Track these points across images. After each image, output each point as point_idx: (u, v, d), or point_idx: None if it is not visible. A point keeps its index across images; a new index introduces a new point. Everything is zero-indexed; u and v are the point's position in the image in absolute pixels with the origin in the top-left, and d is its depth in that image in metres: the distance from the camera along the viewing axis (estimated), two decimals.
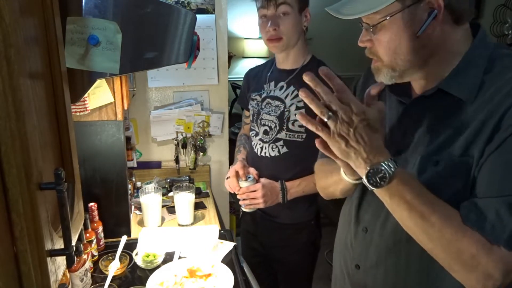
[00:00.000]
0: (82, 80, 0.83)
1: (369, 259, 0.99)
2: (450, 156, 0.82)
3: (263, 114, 1.62)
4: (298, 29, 1.50)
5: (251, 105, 1.70)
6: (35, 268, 0.54)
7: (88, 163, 1.57)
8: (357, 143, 0.78)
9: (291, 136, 1.56)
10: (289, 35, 1.49)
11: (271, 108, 1.60)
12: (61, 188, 0.57)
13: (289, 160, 1.58)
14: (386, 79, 0.89)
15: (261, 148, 1.63)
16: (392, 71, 0.87)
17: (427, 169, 0.85)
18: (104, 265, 1.43)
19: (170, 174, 2.19)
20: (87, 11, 0.80)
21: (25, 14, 0.54)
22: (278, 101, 1.58)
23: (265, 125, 1.62)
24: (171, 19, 1.13)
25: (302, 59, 1.58)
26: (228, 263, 1.46)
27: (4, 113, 0.48)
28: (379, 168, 0.78)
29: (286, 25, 1.47)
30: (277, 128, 1.58)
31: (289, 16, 1.46)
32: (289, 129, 1.55)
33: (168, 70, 2.09)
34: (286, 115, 1.56)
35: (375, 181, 0.79)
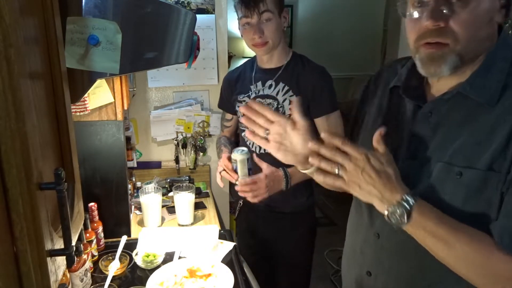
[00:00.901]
0: (82, 80, 0.83)
1: (381, 266, 0.96)
2: (475, 169, 0.78)
3: None
4: (280, 31, 1.58)
5: (239, 107, 1.72)
6: (35, 268, 0.54)
7: (88, 163, 1.57)
8: (368, 184, 0.80)
9: None
10: (273, 38, 1.56)
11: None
12: (61, 188, 0.57)
13: None
14: (448, 68, 0.80)
15: (259, 146, 1.65)
16: (459, 59, 0.79)
17: (448, 180, 0.81)
18: (104, 265, 1.43)
19: (170, 174, 2.19)
20: (87, 11, 0.80)
21: (25, 14, 0.54)
22: (270, 99, 1.63)
23: None
24: (171, 19, 1.13)
25: (286, 56, 1.64)
26: (228, 263, 1.46)
27: (4, 113, 0.48)
28: (397, 207, 0.78)
29: (270, 30, 1.54)
30: None
31: (271, 21, 1.53)
32: None
33: (168, 70, 2.09)
34: (281, 111, 1.61)
35: (396, 220, 0.79)
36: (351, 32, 5.01)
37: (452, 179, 0.80)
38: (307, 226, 1.72)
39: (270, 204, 1.70)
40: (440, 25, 0.77)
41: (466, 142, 0.80)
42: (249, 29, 1.56)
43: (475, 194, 0.78)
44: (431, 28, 0.78)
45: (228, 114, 1.83)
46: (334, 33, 4.97)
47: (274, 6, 1.52)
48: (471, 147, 0.79)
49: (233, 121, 1.84)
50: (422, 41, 0.81)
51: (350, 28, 5.01)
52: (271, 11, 1.52)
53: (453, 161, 0.81)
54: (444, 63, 0.79)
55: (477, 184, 0.78)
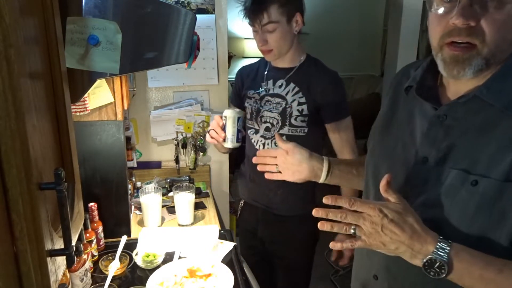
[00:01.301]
0: (82, 80, 0.83)
1: (388, 270, 0.95)
2: (491, 178, 0.74)
3: (264, 112, 1.66)
4: (288, 38, 1.56)
5: (248, 103, 1.72)
6: (35, 268, 0.54)
7: (88, 163, 1.57)
8: (393, 241, 0.74)
9: (294, 131, 1.61)
10: (278, 47, 1.56)
11: (272, 106, 1.64)
12: (61, 188, 0.57)
13: None
14: (471, 71, 0.76)
15: (263, 145, 1.67)
16: (485, 63, 0.75)
17: (462, 188, 0.78)
18: (104, 265, 1.43)
19: (170, 174, 2.19)
20: (87, 11, 0.80)
21: (25, 14, 0.54)
22: (279, 98, 1.62)
23: (266, 122, 1.66)
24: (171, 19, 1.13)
25: (298, 57, 1.63)
26: (228, 263, 1.46)
27: (4, 113, 0.48)
28: (433, 259, 0.73)
29: (274, 39, 1.54)
30: (279, 124, 1.63)
31: (276, 30, 1.52)
32: (292, 124, 1.61)
33: (168, 70, 2.09)
34: (289, 111, 1.60)
35: (435, 272, 0.73)
36: (351, 32, 5.02)
37: (466, 187, 0.77)
38: (307, 231, 1.70)
39: (269, 205, 1.71)
40: (470, 24, 0.72)
41: (484, 149, 0.77)
42: (255, 36, 1.58)
43: (488, 204, 0.75)
44: (460, 27, 0.73)
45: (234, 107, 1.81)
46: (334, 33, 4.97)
47: (280, 15, 1.50)
48: (489, 155, 0.76)
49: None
50: (448, 39, 0.76)
51: (350, 28, 5.02)
52: (276, 21, 1.50)
53: (469, 168, 0.77)
54: (469, 66, 0.76)
55: (492, 194, 0.75)
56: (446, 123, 0.83)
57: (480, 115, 0.79)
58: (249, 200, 1.79)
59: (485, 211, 0.76)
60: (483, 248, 0.75)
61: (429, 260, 0.73)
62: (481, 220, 0.76)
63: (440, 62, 0.80)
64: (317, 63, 1.64)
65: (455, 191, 0.79)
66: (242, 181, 1.83)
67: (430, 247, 0.73)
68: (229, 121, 1.50)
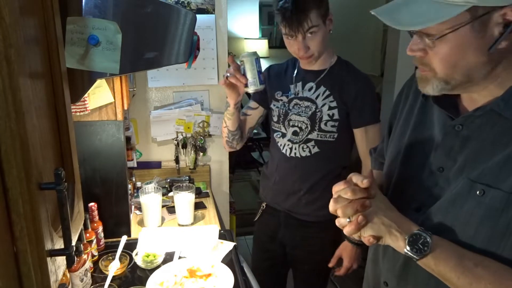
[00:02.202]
0: (82, 80, 0.83)
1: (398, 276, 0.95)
2: (499, 189, 0.75)
3: (292, 115, 1.61)
4: (326, 39, 1.51)
5: (275, 105, 1.67)
6: (35, 268, 0.54)
7: (88, 163, 1.57)
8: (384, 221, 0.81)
9: (323, 136, 1.57)
10: (319, 50, 1.51)
11: (300, 109, 1.59)
12: (61, 188, 0.57)
13: (320, 160, 1.59)
14: (434, 91, 0.81)
15: (290, 149, 1.63)
16: (444, 83, 0.79)
17: (469, 196, 0.79)
18: (104, 265, 1.43)
19: (170, 174, 2.19)
20: (87, 11, 0.80)
21: (25, 14, 0.54)
22: (308, 101, 1.58)
23: (294, 126, 1.61)
24: (171, 19, 1.13)
25: (329, 60, 1.59)
26: (228, 263, 1.46)
27: (4, 113, 0.48)
28: (418, 234, 0.78)
29: (315, 44, 1.48)
30: (308, 128, 1.58)
31: (317, 33, 1.47)
32: (321, 129, 1.56)
33: (168, 70, 2.09)
34: (318, 116, 1.56)
35: (418, 248, 0.78)
36: (351, 32, 5.02)
37: (473, 196, 0.78)
38: (330, 238, 1.66)
39: (292, 210, 1.68)
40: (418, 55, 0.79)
41: (496, 161, 0.77)
42: (293, 43, 1.50)
43: (494, 215, 0.75)
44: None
45: (254, 102, 1.75)
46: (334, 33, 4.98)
47: (319, 18, 1.45)
48: (500, 167, 0.76)
49: (256, 112, 1.75)
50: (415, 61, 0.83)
51: (350, 28, 5.02)
52: (316, 25, 1.45)
53: (478, 178, 0.78)
54: (429, 85, 0.80)
55: (498, 205, 0.75)
56: (463, 133, 0.83)
57: (497, 128, 0.79)
58: (272, 203, 1.75)
59: (491, 221, 0.76)
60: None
61: (414, 236, 0.78)
62: (485, 231, 0.76)
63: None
64: (349, 66, 1.59)
65: (462, 200, 0.79)
66: (266, 183, 1.78)
67: (414, 227, 0.80)
68: (247, 64, 1.45)
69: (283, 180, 1.68)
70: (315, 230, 1.66)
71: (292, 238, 1.72)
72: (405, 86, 1.05)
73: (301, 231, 1.68)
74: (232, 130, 1.69)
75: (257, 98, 1.74)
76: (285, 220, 1.71)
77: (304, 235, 1.69)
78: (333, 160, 1.60)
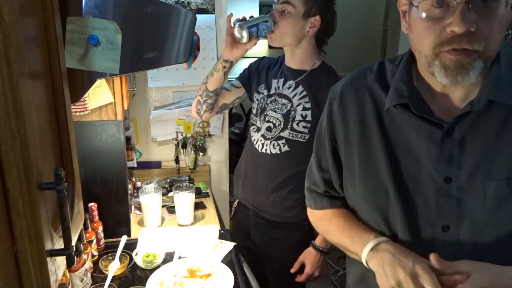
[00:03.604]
0: (82, 80, 0.83)
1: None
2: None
3: (268, 111, 1.62)
4: (296, 32, 1.51)
5: (256, 98, 1.69)
6: (35, 268, 0.54)
7: (88, 163, 1.57)
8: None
9: (294, 136, 1.57)
10: (282, 32, 1.51)
11: (277, 106, 1.60)
12: (61, 188, 0.57)
13: (290, 159, 1.59)
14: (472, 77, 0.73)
15: (262, 145, 1.64)
16: (484, 65, 0.73)
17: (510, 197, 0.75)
18: (104, 265, 1.43)
19: (170, 174, 2.19)
20: (87, 11, 0.80)
21: (25, 14, 0.54)
22: (285, 99, 1.59)
23: (269, 121, 1.62)
24: (171, 19, 1.13)
25: (311, 62, 1.58)
26: (228, 263, 1.46)
27: (4, 113, 0.48)
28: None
29: (281, 22, 1.49)
30: (281, 126, 1.59)
31: (288, 15, 1.48)
32: (293, 128, 1.56)
33: (168, 70, 2.09)
34: (292, 114, 1.56)
35: None
36: (351, 32, 5.01)
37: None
38: (299, 238, 1.65)
39: (260, 209, 1.68)
40: (470, 30, 0.69)
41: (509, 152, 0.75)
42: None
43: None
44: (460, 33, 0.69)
45: (238, 82, 1.75)
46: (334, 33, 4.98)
47: (300, 2, 1.46)
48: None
49: (236, 91, 1.73)
50: (446, 47, 0.72)
51: (350, 28, 5.01)
52: (292, 4, 1.46)
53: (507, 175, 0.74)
54: (473, 70, 0.72)
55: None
56: (456, 137, 0.79)
57: (492, 119, 0.77)
58: (242, 201, 1.76)
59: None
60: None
61: None
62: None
63: (440, 70, 0.74)
64: (330, 72, 1.58)
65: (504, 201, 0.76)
66: (237, 179, 1.80)
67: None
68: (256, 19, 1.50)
69: (252, 176, 1.69)
70: (282, 231, 1.66)
71: (261, 238, 1.72)
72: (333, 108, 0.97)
73: (269, 231, 1.68)
74: (209, 90, 1.65)
75: (243, 80, 1.74)
76: (254, 219, 1.71)
77: (272, 236, 1.68)
78: (302, 161, 1.55)
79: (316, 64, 1.59)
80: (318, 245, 1.56)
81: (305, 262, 1.60)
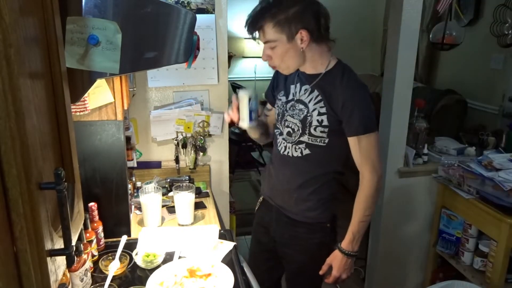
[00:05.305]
0: (82, 80, 0.83)
1: None
2: None
3: (287, 116, 1.63)
4: (293, 55, 1.49)
5: (276, 105, 1.71)
6: (35, 268, 0.54)
7: (88, 163, 1.57)
8: None
9: (313, 140, 1.56)
10: (283, 63, 1.52)
11: (295, 111, 1.60)
12: (61, 188, 0.57)
13: (310, 162, 1.59)
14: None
15: (285, 147, 1.65)
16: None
17: None
18: (104, 265, 1.43)
19: (170, 174, 2.19)
20: (87, 11, 0.80)
21: (25, 14, 0.54)
22: (302, 104, 1.58)
23: (288, 127, 1.62)
24: (171, 19, 1.13)
25: (323, 64, 1.55)
26: (228, 263, 1.46)
27: (4, 113, 0.48)
28: None
29: (275, 56, 1.50)
30: (299, 131, 1.59)
31: (277, 48, 1.48)
32: (311, 133, 1.56)
33: (168, 70, 2.09)
34: (309, 120, 1.55)
35: None
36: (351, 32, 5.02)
37: None
38: (319, 240, 1.65)
39: (283, 207, 1.69)
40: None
41: None
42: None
43: None
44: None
45: (269, 104, 1.80)
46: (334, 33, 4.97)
47: (277, 34, 1.44)
48: None
49: (272, 112, 1.78)
50: None
51: (350, 28, 5.02)
52: (273, 40, 1.46)
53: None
54: None
55: None
56: None
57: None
58: (267, 198, 1.78)
59: None
60: None
61: None
62: None
63: None
64: (345, 73, 1.53)
65: None
66: (265, 177, 1.82)
67: None
68: (241, 103, 1.55)
69: (276, 175, 1.71)
70: (303, 230, 1.66)
71: (282, 235, 1.73)
72: None
73: (290, 229, 1.69)
74: (255, 137, 1.80)
75: (270, 100, 1.79)
76: (276, 216, 1.72)
77: (292, 234, 1.69)
78: (324, 164, 1.59)
79: (331, 64, 1.55)
80: (344, 248, 1.56)
81: (332, 264, 1.60)
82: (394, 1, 2.36)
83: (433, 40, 3.11)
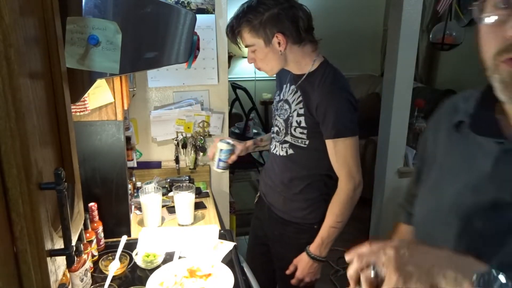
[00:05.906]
0: (82, 80, 0.83)
1: None
2: None
3: (276, 116, 1.67)
4: (273, 58, 1.51)
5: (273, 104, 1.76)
6: (35, 268, 0.54)
7: (88, 163, 1.57)
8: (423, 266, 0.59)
9: (295, 141, 1.58)
10: (264, 65, 1.56)
11: (281, 111, 1.63)
12: (61, 188, 0.57)
13: (294, 163, 1.61)
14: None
15: (274, 146, 1.69)
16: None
17: None
18: (104, 265, 1.43)
19: (170, 174, 2.19)
20: (87, 11, 0.80)
21: (25, 14, 0.54)
22: (287, 104, 1.60)
23: (276, 126, 1.67)
24: (171, 19, 1.13)
25: (307, 65, 1.55)
26: (228, 263, 1.46)
27: (4, 113, 0.48)
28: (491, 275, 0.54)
29: (258, 59, 1.54)
30: (284, 131, 1.61)
31: (257, 51, 1.52)
32: (293, 134, 1.57)
33: (168, 70, 2.09)
34: (290, 120, 1.57)
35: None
36: (351, 32, 5.02)
37: None
38: (306, 240, 1.63)
39: (273, 205, 1.72)
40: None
41: None
42: None
43: None
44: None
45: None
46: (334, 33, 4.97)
47: (254, 39, 1.48)
48: None
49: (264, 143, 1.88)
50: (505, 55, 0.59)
51: (350, 28, 5.01)
52: (251, 45, 1.51)
53: None
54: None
55: None
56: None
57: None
58: (262, 194, 1.81)
59: None
60: None
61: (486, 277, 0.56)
62: None
63: (498, 85, 0.63)
64: (326, 72, 1.51)
65: None
66: (262, 174, 1.85)
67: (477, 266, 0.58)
68: (216, 150, 1.77)
69: (268, 174, 1.75)
70: (291, 229, 1.67)
71: (272, 232, 1.75)
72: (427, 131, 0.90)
73: (280, 227, 1.71)
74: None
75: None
76: (268, 213, 1.75)
77: (282, 232, 1.71)
78: (307, 166, 1.59)
79: (315, 65, 1.54)
80: (311, 251, 1.58)
81: (297, 266, 1.61)
82: (394, 1, 2.36)
83: (433, 40, 3.11)
